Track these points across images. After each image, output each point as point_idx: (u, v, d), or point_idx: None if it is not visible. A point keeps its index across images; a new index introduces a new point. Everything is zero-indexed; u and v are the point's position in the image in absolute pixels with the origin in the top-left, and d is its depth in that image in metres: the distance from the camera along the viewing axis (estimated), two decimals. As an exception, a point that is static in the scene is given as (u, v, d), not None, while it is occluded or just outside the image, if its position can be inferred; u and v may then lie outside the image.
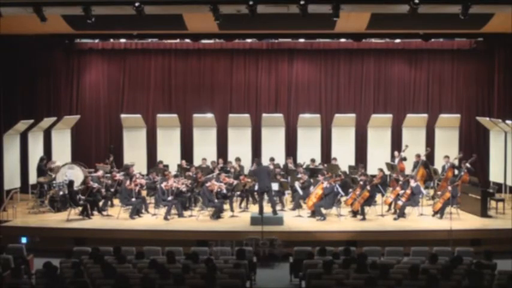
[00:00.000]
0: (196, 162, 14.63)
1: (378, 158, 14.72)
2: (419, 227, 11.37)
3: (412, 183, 12.13)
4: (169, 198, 12.16)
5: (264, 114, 15.51)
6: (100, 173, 13.13)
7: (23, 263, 8.57)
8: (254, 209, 12.49)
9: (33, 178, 13.73)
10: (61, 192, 12.61)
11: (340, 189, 12.09)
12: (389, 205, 12.47)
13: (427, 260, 8.36)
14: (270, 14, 11.02)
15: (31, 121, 13.97)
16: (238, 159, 14.35)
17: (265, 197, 12.13)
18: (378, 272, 7.46)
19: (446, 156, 13.74)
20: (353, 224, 11.67)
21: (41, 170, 13.42)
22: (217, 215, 11.92)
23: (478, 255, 8.98)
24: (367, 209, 11.99)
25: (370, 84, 15.80)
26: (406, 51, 15.69)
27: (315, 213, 11.96)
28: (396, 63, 15.81)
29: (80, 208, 11.99)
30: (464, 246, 9.70)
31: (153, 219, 12.02)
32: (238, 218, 12.06)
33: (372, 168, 14.22)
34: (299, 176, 13.14)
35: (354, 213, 12.07)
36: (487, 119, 14.50)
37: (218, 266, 7.93)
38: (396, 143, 15.15)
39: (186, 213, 12.32)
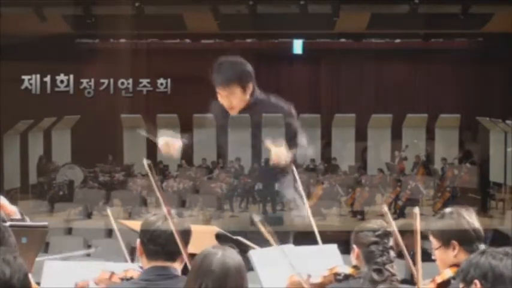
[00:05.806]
0: (196, 162, 14.62)
1: (377, 158, 14.72)
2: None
3: (412, 183, 12.14)
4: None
5: (263, 115, 15.47)
6: None
7: None
8: (254, 209, 12.48)
9: (33, 178, 13.74)
10: (61, 192, 12.63)
11: (340, 189, 12.12)
12: (390, 205, 12.47)
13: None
14: (270, 14, 11.05)
15: (31, 121, 13.97)
16: (238, 159, 14.33)
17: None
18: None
19: (444, 159, 13.76)
20: (353, 224, 11.65)
21: (41, 170, 13.43)
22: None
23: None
24: (367, 209, 12.00)
25: (370, 84, 15.81)
26: (406, 51, 15.69)
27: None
28: (396, 63, 15.82)
29: (80, 208, 12.01)
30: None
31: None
32: (238, 218, 12.07)
33: (372, 169, 14.23)
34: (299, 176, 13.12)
35: (354, 213, 12.08)
36: (487, 119, 14.51)
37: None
38: (396, 143, 15.14)
39: (186, 212, 12.32)
